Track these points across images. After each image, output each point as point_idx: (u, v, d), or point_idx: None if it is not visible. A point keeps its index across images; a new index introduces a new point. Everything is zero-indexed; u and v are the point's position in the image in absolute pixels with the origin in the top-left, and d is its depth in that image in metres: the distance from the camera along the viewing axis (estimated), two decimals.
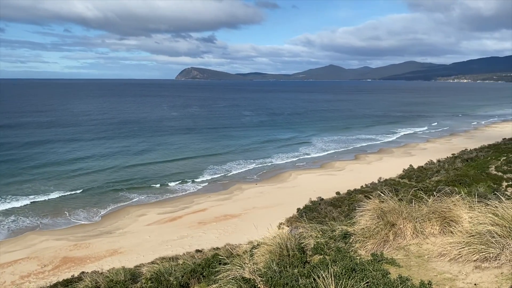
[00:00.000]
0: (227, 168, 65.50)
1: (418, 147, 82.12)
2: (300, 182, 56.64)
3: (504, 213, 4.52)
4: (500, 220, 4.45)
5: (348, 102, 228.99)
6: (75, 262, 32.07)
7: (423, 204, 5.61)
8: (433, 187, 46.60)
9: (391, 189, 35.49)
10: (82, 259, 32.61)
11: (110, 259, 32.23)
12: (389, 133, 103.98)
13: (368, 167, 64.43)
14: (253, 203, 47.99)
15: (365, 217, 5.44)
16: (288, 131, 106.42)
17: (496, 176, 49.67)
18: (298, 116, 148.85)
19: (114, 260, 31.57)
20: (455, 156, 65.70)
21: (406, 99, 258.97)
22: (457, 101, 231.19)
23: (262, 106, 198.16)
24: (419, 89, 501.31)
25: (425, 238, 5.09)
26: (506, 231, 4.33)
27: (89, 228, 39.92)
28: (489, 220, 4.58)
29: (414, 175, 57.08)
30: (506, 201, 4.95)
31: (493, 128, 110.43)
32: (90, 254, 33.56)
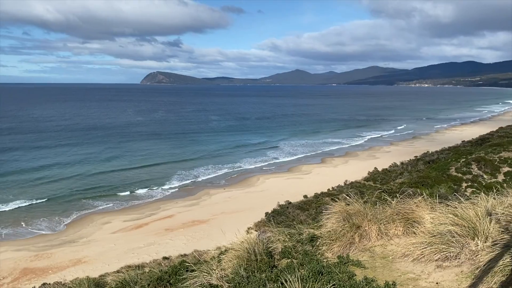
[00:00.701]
0: (195, 173, 64.90)
1: (382, 150, 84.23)
2: (268, 186, 56.88)
3: (463, 213, 4.70)
4: (460, 220, 4.62)
5: (315, 107, 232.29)
6: (36, 273, 30.82)
7: (387, 206, 5.75)
8: (397, 189, 47.89)
9: (357, 192, 36.22)
10: (44, 270, 31.39)
11: (73, 269, 31.19)
12: (355, 136, 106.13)
13: (335, 170, 65.51)
14: (221, 208, 47.75)
15: (332, 220, 5.51)
16: (256, 136, 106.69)
17: (456, 177, 51.61)
18: (266, 120, 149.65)
19: (77, 270, 30.58)
20: (417, 159, 67.86)
21: (371, 103, 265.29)
22: (419, 105, 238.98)
23: (230, 111, 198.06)
24: (383, 93, 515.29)
25: (390, 239, 5.20)
26: (465, 230, 4.50)
27: (51, 238, 38.51)
28: (450, 220, 4.74)
29: (378, 177, 58.50)
30: (466, 201, 5.14)
31: (453, 131, 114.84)
32: (52, 265, 32.36)
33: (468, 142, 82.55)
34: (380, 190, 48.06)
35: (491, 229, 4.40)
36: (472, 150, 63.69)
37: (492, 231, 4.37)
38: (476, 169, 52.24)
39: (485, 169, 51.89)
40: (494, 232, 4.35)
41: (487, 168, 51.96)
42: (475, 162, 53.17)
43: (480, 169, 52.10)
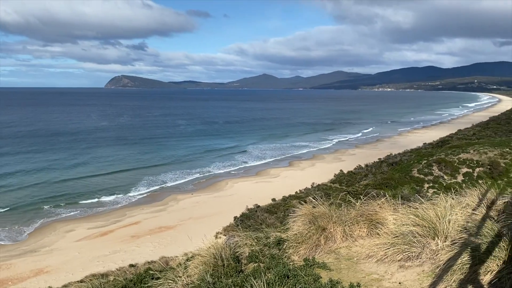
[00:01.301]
0: (163, 179, 63.89)
1: (348, 152, 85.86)
2: (237, 190, 56.78)
3: (424, 214, 4.85)
4: (421, 221, 4.77)
5: (283, 111, 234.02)
6: None
7: (352, 207, 5.85)
8: (362, 191, 48.90)
9: (324, 194, 36.68)
10: (3, 281, 29.99)
11: (35, 280, 29.97)
12: (323, 140, 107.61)
13: (302, 173, 66.20)
14: (189, 213, 47.23)
15: (298, 223, 5.55)
16: (225, 140, 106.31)
17: (418, 178, 53.28)
18: (235, 124, 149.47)
19: (39, 281, 29.41)
20: (381, 161, 69.56)
21: (337, 107, 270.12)
22: (384, 109, 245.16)
23: (198, 115, 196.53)
24: (348, 97, 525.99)
25: (354, 241, 5.29)
26: (426, 230, 4.65)
27: (10, 248, 36.86)
28: (411, 221, 4.89)
29: (344, 179, 59.57)
30: (426, 202, 5.31)
31: (415, 133, 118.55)
32: (12, 276, 30.98)
33: (429, 144, 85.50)
34: (346, 192, 48.95)
35: (450, 229, 4.56)
36: (433, 152, 65.94)
37: (451, 230, 4.54)
38: (437, 170, 54.11)
39: (446, 170, 53.84)
40: (453, 232, 4.52)
41: (447, 169, 53.92)
42: (436, 164, 55.08)
43: (440, 170, 54.00)
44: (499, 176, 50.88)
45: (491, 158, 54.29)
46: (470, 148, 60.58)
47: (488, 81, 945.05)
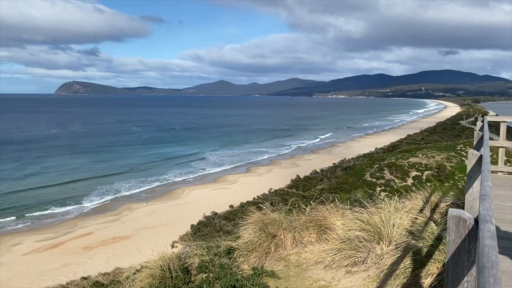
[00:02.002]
0: (116, 188, 61.94)
1: (304, 158, 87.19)
2: (194, 197, 56.07)
3: (369, 219, 4.98)
4: (366, 226, 4.88)
5: (241, 117, 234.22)
6: None
7: (302, 213, 5.88)
8: (318, 195, 49.83)
9: (281, 199, 36.99)
10: None
11: None
12: (280, 146, 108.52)
13: (260, 179, 66.47)
14: (145, 222, 46.05)
15: (248, 231, 5.51)
16: (181, 147, 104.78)
17: (371, 182, 54.97)
18: (192, 131, 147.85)
19: None
20: (336, 166, 71.17)
21: (295, 114, 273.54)
22: (339, 115, 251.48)
23: (153, 121, 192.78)
24: (304, 104, 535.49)
25: (304, 247, 5.32)
26: (372, 235, 4.76)
27: None
28: (357, 226, 5.00)
29: (301, 184, 60.43)
30: (372, 207, 5.45)
31: (367, 139, 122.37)
32: None
33: (381, 149, 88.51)
34: (302, 197, 49.67)
35: (394, 233, 4.69)
36: (384, 157, 68.30)
37: (395, 234, 4.68)
38: (388, 174, 56.08)
39: (396, 174, 55.91)
40: (397, 236, 4.66)
41: (398, 173, 56.01)
42: (387, 168, 57.08)
43: (391, 174, 56.02)
44: (446, 178, 53.44)
45: (438, 162, 56.97)
46: (419, 152, 63.28)
47: (435, 88, 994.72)
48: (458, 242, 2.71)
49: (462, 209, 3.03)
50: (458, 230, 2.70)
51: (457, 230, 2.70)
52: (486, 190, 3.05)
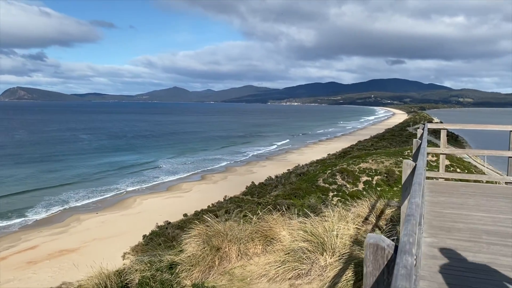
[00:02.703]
0: (64, 199, 59.11)
1: (259, 164, 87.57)
2: (146, 207, 54.62)
3: (313, 229, 4.93)
4: (310, 236, 4.84)
5: (196, 124, 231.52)
6: None
7: (248, 223, 5.75)
8: (273, 201, 50.07)
9: (236, 206, 36.79)
10: None
11: None
12: (237, 153, 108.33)
13: (215, 186, 65.93)
14: (94, 234, 44.22)
15: (192, 244, 5.29)
16: (133, 155, 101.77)
17: (324, 187, 56.01)
18: (145, 139, 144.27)
19: None
20: (290, 172, 72.01)
21: (250, 121, 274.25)
22: (293, 122, 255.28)
23: (104, 129, 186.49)
24: (259, 111, 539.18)
25: (250, 259, 5.18)
26: (315, 246, 4.69)
27: None
28: (301, 237, 4.94)
29: (256, 191, 60.50)
30: (315, 217, 5.42)
31: (320, 145, 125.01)
32: None
33: (333, 155, 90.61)
34: (257, 203, 49.74)
35: (338, 243, 4.65)
36: (336, 162, 69.94)
37: (339, 244, 4.64)
38: (340, 179, 57.41)
39: (348, 179, 57.36)
40: (340, 246, 4.64)
41: (349, 178, 57.49)
42: (339, 173, 58.46)
43: (343, 179, 57.41)
44: (395, 183, 55.48)
45: (387, 167, 59.10)
46: (369, 158, 65.40)
47: (383, 96, 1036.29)
48: (376, 275, 2.39)
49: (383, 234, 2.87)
50: (376, 261, 2.38)
51: (375, 261, 2.38)
52: (412, 209, 2.84)
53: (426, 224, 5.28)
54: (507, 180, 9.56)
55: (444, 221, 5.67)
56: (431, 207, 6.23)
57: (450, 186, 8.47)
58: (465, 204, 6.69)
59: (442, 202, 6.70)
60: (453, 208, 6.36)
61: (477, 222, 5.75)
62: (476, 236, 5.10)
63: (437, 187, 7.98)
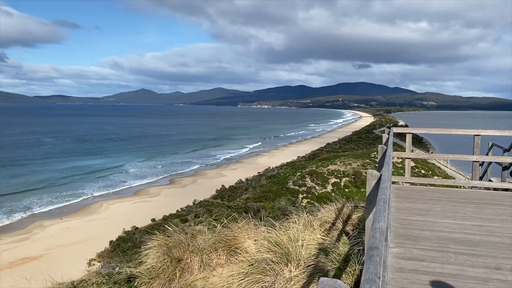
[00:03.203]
0: (27, 204, 56.86)
1: (230, 168, 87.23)
2: (113, 212, 53.32)
3: (277, 239, 4.80)
4: (274, 247, 4.69)
5: (165, 127, 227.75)
6: None
7: (212, 231, 5.57)
8: (243, 204, 49.91)
9: (206, 210, 36.38)
10: None
11: None
12: (207, 156, 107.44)
13: (184, 190, 65.14)
14: (58, 240, 42.76)
15: (151, 256, 5.06)
16: (100, 159, 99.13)
17: (293, 190, 56.37)
18: (112, 142, 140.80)
19: None
20: (260, 174, 72.12)
21: (221, 124, 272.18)
22: (265, 125, 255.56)
23: (69, 132, 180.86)
24: (230, 113, 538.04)
25: (213, 270, 4.98)
26: (279, 257, 4.54)
27: None
28: (265, 247, 4.79)
29: (226, 194, 60.19)
30: (281, 224, 5.29)
31: (290, 147, 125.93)
32: None
33: (303, 157, 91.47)
34: (227, 207, 49.45)
35: (303, 253, 4.51)
36: (306, 165, 70.58)
37: (304, 254, 4.51)
38: (309, 181, 57.93)
39: (317, 181, 57.95)
40: (306, 256, 4.51)
41: (318, 180, 58.09)
42: (309, 175, 58.99)
43: (313, 181, 57.96)
44: (362, 184, 56.47)
45: (354, 169, 60.13)
46: (337, 160, 66.33)
47: (351, 99, 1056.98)
48: None
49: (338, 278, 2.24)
50: None
51: None
52: (376, 240, 2.36)
53: (393, 233, 5.19)
54: (472, 184, 9.54)
55: (411, 229, 5.61)
56: (398, 213, 6.14)
57: (416, 191, 8.40)
58: (431, 210, 6.63)
59: (408, 208, 6.62)
60: (419, 215, 6.29)
61: (444, 230, 5.71)
62: (443, 245, 5.05)
63: (403, 192, 7.93)
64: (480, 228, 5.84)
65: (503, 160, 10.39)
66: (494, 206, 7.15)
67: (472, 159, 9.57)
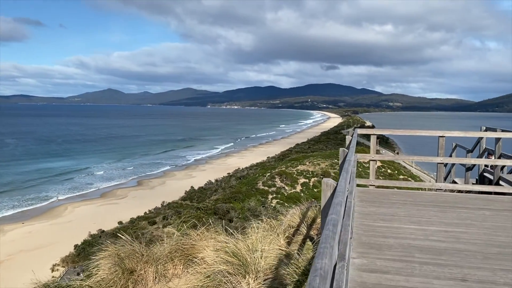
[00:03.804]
0: None
1: (199, 168, 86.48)
2: (78, 215, 51.81)
3: (235, 249, 4.63)
4: (231, 258, 4.51)
5: (133, 128, 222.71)
6: None
7: (169, 241, 5.35)
8: (213, 206, 49.54)
9: (174, 212, 35.76)
10: None
11: None
12: (176, 157, 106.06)
13: (152, 192, 64.08)
14: (20, 245, 41.21)
15: (102, 267, 4.80)
16: (65, 161, 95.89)
17: (263, 190, 56.43)
18: (78, 143, 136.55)
19: None
20: (230, 175, 71.89)
21: (192, 124, 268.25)
22: (235, 125, 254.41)
23: (32, 133, 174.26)
24: (200, 114, 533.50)
25: (169, 281, 4.76)
26: (236, 268, 4.38)
27: None
28: (221, 258, 4.60)
29: (195, 196, 59.65)
30: (243, 231, 5.12)
31: (260, 148, 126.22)
32: None
33: (273, 158, 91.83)
34: (197, 208, 48.94)
35: (262, 263, 4.36)
36: (275, 165, 70.84)
37: (263, 265, 4.36)
38: (279, 181, 58.17)
39: (286, 181, 58.25)
40: (265, 266, 4.35)
41: (288, 180, 58.41)
42: (278, 176, 59.22)
43: (282, 181, 58.22)
44: None
45: (323, 169, 60.81)
46: (306, 160, 66.90)
47: (319, 100, 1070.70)
48: None
49: None
50: None
51: None
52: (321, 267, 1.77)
53: (356, 241, 5.02)
54: (437, 186, 9.44)
55: (375, 236, 5.43)
56: (361, 219, 5.96)
57: (381, 194, 8.20)
58: (396, 215, 6.46)
59: (373, 213, 6.46)
60: (384, 220, 6.11)
61: (409, 237, 5.53)
62: (408, 255, 4.87)
63: (367, 196, 7.75)
64: (445, 234, 5.72)
65: (467, 161, 10.58)
66: (459, 209, 7.07)
67: (436, 160, 9.56)
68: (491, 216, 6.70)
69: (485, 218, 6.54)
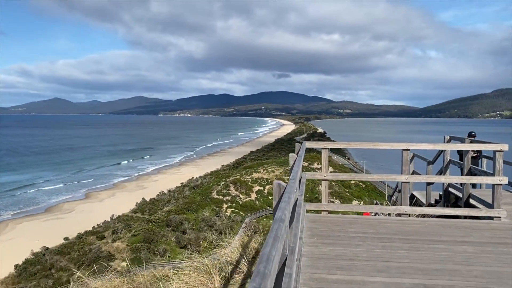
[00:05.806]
0: None
1: (150, 179, 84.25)
2: (20, 232, 48.62)
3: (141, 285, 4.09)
4: None
5: (82, 139, 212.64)
6: None
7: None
8: (165, 218, 48.15)
9: (125, 225, 34.21)
10: None
11: None
12: (126, 168, 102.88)
13: (101, 205, 61.46)
14: None
15: None
16: (6, 176, 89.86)
17: (218, 199, 55.67)
18: (20, 156, 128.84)
19: None
20: (183, 185, 70.50)
21: (145, 134, 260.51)
22: (190, 134, 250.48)
23: None
24: (151, 123, 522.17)
25: None
26: None
27: None
28: None
29: (147, 207, 57.80)
30: (169, 272, 4.57)
31: (215, 156, 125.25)
32: None
33: (227, 166, 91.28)
34: (148, 221, 47.35)
35: None
36: (230, 173, 70.36)
37: None
38: (234, 190, 57.70)
39: (241, 190, 57.88)
40: None
41: (242, 188, 58.06)
42: (233, 184, 58.75)
43: (237, 190, 57.79)
44: None
45: (278, 176, 61.00)
46: (261, 168, 66.94)
47: (273, 107, 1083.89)
48: None
49: None
50: None
51: None
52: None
53: None
54: (400, 211, 7.74)
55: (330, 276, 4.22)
56: (311, 270, 4.52)
57: (336, 223, 6.66)
58: (356, 259, 4.85)
59: (326, 256, 4.93)
60: (341, 269, 4.55)
61: None
62: None
63: (319, 227, 6.24)
64: None
65: (436, 180, 8.74)
66: (433, 244, 5.58)
67: (401, 179, 7.77)
68: (475, 255, 5.21)
69: (469, 259, 5.04)
